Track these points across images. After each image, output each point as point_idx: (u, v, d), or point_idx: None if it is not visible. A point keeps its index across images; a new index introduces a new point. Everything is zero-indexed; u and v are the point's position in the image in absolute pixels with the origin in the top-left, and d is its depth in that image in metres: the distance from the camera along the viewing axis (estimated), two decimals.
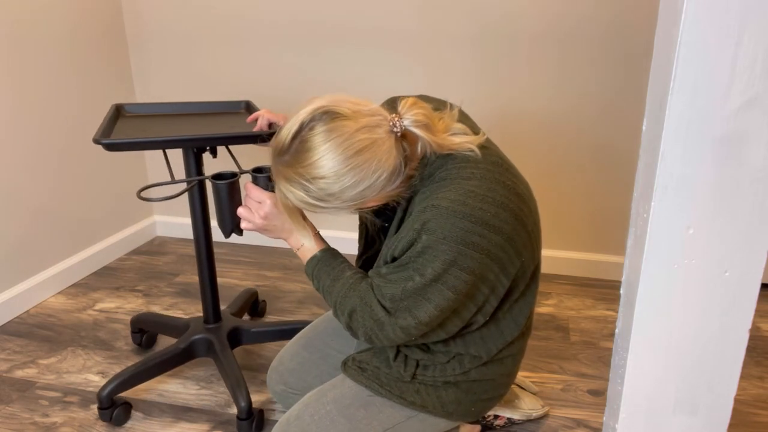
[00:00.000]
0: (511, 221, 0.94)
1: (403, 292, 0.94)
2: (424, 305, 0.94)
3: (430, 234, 0.90)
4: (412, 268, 0.93)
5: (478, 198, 0.91)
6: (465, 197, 0.91)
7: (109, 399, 1.36)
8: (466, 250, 0.90)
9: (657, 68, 0.76)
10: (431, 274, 0.91)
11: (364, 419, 1.08)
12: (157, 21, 2.20)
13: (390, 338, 0.99)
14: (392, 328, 0.97)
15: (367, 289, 1.00)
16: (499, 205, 0.92)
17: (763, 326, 1.78)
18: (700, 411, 0.83)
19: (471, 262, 0.91)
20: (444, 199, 0.91)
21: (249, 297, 1.78)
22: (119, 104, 1.51)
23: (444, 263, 0.90)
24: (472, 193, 0.91)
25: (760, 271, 0.75)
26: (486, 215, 0.91)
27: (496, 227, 0.91)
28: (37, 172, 1.91)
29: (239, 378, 1.35)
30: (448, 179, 0.94)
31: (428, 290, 0.93)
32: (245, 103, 1.57)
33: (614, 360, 0.93)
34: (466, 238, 0.90)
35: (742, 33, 0.65)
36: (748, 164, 0.70)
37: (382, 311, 0.97)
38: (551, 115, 1.98)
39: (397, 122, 0.92)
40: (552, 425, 1.38)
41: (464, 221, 0.89)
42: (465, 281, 0.92)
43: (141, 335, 1.67)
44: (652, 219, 0.75)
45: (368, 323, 0.99)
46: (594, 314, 1.87)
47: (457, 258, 0.90)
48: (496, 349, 1.08)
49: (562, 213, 2.08)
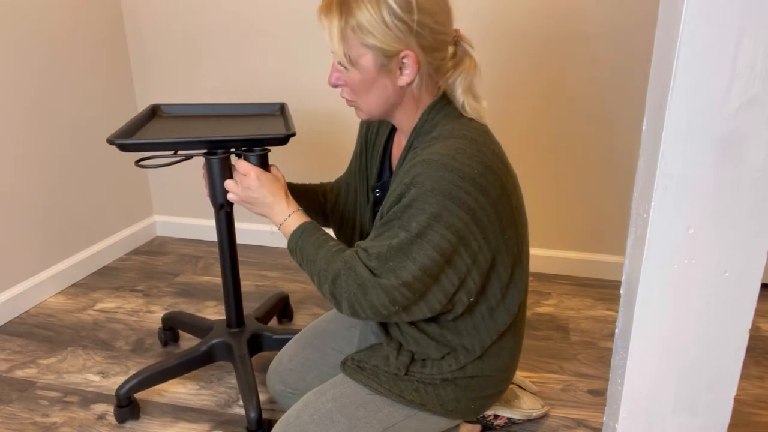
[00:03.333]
0: (498, 187, 0.96)
1: (388, 250, 0.95)
2: (407, 264, 0.94)
3: (418, 187, 0.92)
4: (397, 225, 0.94)
5: (467, 156, 0.93)
6: (455, 153, 0.93)
7: (127, 398, 1.36)
8: (452, 205, 0.91)
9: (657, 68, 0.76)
10: (416, 228, 0.92)
11: (364, 418, 1.08)
12: (157, 21, 2.20)
13: (373, 304, 0.97)
14: (375, 291, 0.96)
15: (351, 255, 1.00)
16: (487, 168, 0.94)
17: (763, 326, 1.78)
18: (700, 411, 0.83)
19: (455, 219, 0.92)
20: (435, 154, 0.93)
21: (277, 301, 1.74)
22: (156, 104, 1.48)
23: (429, 216, 0.91)
24: (462, 150, 0.93)
25: (760, 271, 0.75)
26: (474, 173, 0.92)
27: (482, 187, 0.93)
28: (36, 172, 1.91)
29: (252, 387, 1.33)
30: (441, 137, 0.97)
31: (412, 247, 0.93)
32: (280, 106, 1.52)
33: (614, 360, 0.93)
34: (453, 192, 0.91)
35: (742, 33, 0.65)
36: (748, 164, 0.70)
37: (366, 272, 0.97)
38: (551, 115, 1.98)
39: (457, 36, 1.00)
40: (552, 425, 1.38)
41: (453, 174, 0.91)
42: (448, 240, 0.93)
43: (172, 333, 1.69)
44: (652, 219, 0.75)
45: (351, 288, 0.98)
46: (594, 314, 1.87)
47: (443, 212, 0.91)
48: (489, 340, 1.08)
49: (562, 213, 2.08)
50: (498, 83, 1.98)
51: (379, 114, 1.03)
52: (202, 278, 2.11)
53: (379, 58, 0.95)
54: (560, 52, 1.90)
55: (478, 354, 1.08)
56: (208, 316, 1.85)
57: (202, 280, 2.09)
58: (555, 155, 2.02)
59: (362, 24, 0.93)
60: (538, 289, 2.04)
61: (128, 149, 1.19)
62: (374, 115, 1.04)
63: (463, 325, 1.07)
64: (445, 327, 1.07)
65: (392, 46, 0.94)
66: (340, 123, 2.16)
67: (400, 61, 0.96)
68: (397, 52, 0.94)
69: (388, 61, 0.95)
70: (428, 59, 0.97)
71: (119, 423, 1.37)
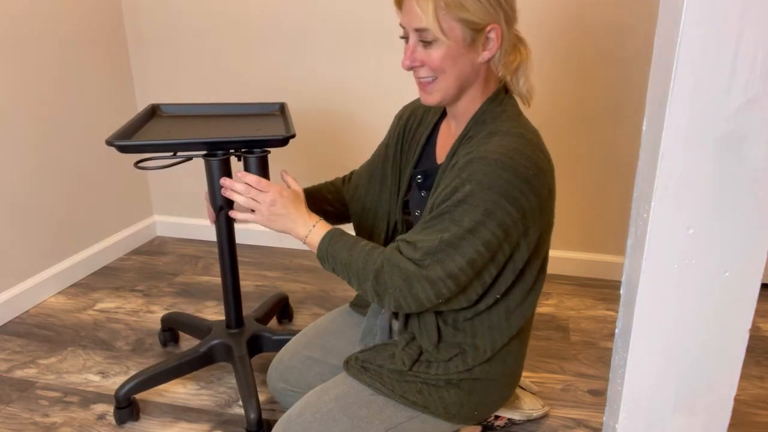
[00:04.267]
0: (546, 189, 0.97)
1: (440, 243, 0.95)
2: (456, 258, 0.94)
3: (474, 184, 0.92)
4: (449, 219, 0.95)
5: (524, 156, 0.94)
6: (513, 152, 0.93)
7: (127, 399, 1.36)
8: (505, 203, 0.92)
9: (657, 68, 0.76)
10: (468, 223, 0.93)
11: (366, 418, 1.08)
12: (157, 21, 2.20)
13: (418, 297, 0.97)
14: (421, 285, 0.96)
15: (391, 250, 1.00)
16: (540, 169, 0.95)
17: (763, 326, 1.78)
18: (700, 411, 0.83)
19: (507, 217, 0.93)
20: (492, 152, 0.93)
21: (277, 302, 1.74)
22: (155, 104, 1.48)
23: (483, 213, 0.92)
24: (519, 151, 0.94)
25: (760, 271, 0.75)
26: (529, 173, 0.93)
27: (534, 188, 0.94)
28: (36, 172, 1.91)
29: (252, 388, 1.33)
30: (499, 133, 0.97)
31: (463, 242, 0.94)
32: (280, 105, 1.52)
33: (614, 360, 0.93)
34: (509, 190, 0.92)
35: (742, 33, 0.65)
36: (748, 164, 0.70)
37: (411, 265, 0.97)
38: (551, 115, 1.98)
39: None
40: (552, 425, 1.38)
41: (509, 173, 0.92)
42: (497, 236, 0.94)
43: (171, 334, 1.69)
44: (652, 219, 0.75)
45: (397, 282, 0.97)
46: (594, 314, 1.87)
47: (496, 210, 0.92)
48: (501, 343, 1.08)
49: (562, 213, 2.08)
50: None
51: (453, 94, 1.02)
52: (202, 278, 2.11)
53: (468, 32, 0.96)
54: (560, 51, 1.90)
55: (488, 356, 1.09)
56: (208, 316, 1.85)
57: (201, 280, 2.09)
58: (555, 155, 2.02)
59: None
60: None
61: (127, 150, 1.18)
62: (448, 95, 1.02)
63: (479, 324, 1.07)
64: (461, 327, 1.08)
65: (483, 19, 0.95)
66: (340, 122, 2.16)
67: (486, 36, 0.97)
68: (486, 25, 0.95)
69: (476, 35, 0.96)
70: (509, 34, 0.99)
71: (119, 424, 1.37)
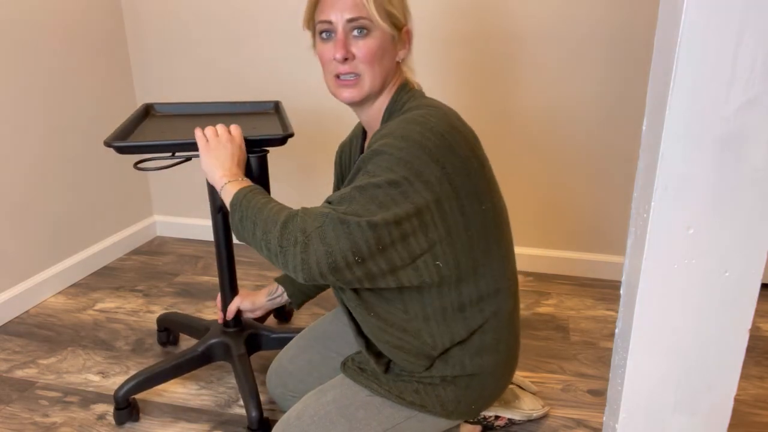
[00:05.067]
0: (466, 148, 0.96)
1: (353, 190, 0.88)
2: (373, 207, 0.86)
3: (387, 137, 0.91)
4: (363, 172, 0.90)
5: (434, 117, 0.96)
6: (422, 115, 0.96)
7: (125, 400, 1.36)
8: (422, 154, 0.89)
9: (657, 68, 0.76)
10: (385, 172, 0.87)
11: (364, 419, 1.08)
12: (157, 21, 2.20)
13: (330, 249, 0.84)
14: (335, 231, 0.84)
15: (306, 208, 0.92)
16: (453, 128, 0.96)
17: (763, 326, 1.78)
18: (700, 411, 0.83)
19: (427, 170, 0.89)
20: (400, 121, 0.95)
21: None
22: (149, 103, 1.48)
23: (399, 161, 0.88)
24: (428, 114, 0.97)
25: (760, 271, 0.75)
26: (441, 129, 0.94)
27: (451, 144, 0.94)
28: (36, 172, 1.91)
29: (253, 387, 1.33)
30: (409, 111, 1.00)
31: (379, 191, 0.86)
32: (274, 104, 1.54)
33: (614, 360, 0.93)
34: (423, 141, 0.91)
35: (742, 33, 0.65)
36: (748, 164, 0.70)
37: (325, 208, 0.88)
38: (551, 115, 1.98)
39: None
40: (552, 425, 1.38)
41: (421, 127, 0.93)
42: (419, 191, 0.88)
43: (167, 334, 1.68)
44: (652, 219, 0.75)
45: (309, 226, 0.86)
46: (594, 314, 1.87)
47: (413, 160, 0.88)
48: (482, 319, 1.04)
49: (562, 213, 2.08)
50: (497, 82, 1.98)
51: (376, 90, 1.03)
52: (202, 278, 2.11)
53: (392, 29, 1.00)
54: (560, 51, 1.90)
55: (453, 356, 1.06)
56: (208, 316, 1.85)
57: (201, 280, 2.09)
58: (555, 155, 2.02)
59: None
60: (538, 289, 2.04)
61: (126, 151, 1.19)
62: (373, 90, 1.03)
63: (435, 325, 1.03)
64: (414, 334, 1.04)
65: (403, 17, 1.01)
66: (335, 120, 2.16)
67: (403, 36, 1.03)
68: (403, 26, 1.02)
69: (397, 34, 1.01)
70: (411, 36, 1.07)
71: (118, 425, 1.37)
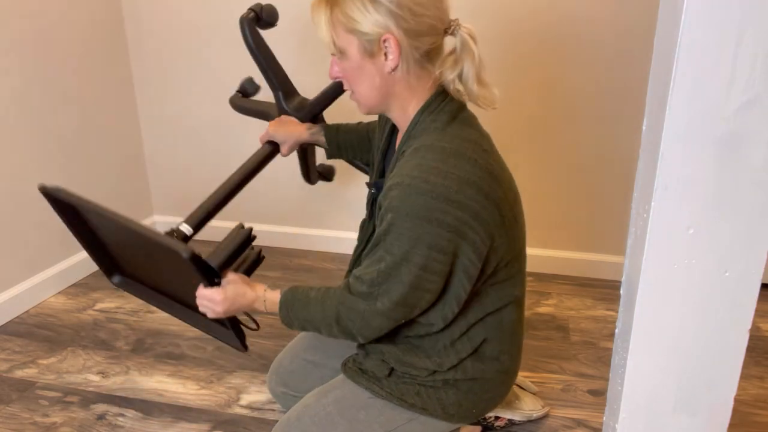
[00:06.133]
0: (480, 198, 0.94)
1: (378, 275, 0.97)
2: (397, 286, 0.96)
3: (393, 212, 0.92)
4: (382, 248, 0.96)
5: (441, 174, 0.92)
6: (428, 173, 0.92)
7: None
8: (429, 226, 0.91)
9: (657, 68, 0.76)
10: (399, 252, 0.94)
11: (365, 421, 1.08)
12: (157, 21, 2.20)
13: (381, 328, 1.02)
14: (375, 319, 0.99)
15: (341, 292, 1.02)
16: (464, 181, 0.93)
17: (763, 326, 1.78)
18: (700, 411, 0.83)
19: (437, 238, 0.92)
20: (407, 176, 0.92)
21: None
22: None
23: (409, 240, 0.92)
24: (436, 169, 0.92)
25: (760, 271, 0.75)
26: (449, 191, 0.91)
27: (460, 203, 0.92)
28: (37, 173, 1.91)
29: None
30: (421, 150, 0.95)
31: (400, 270, 0.95)
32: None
33: (614, 360, 0.93)
34: (429, 214, 0.91)
35: (742, 33, 0.65)
36: (748, 164, 0.70)
37: (362, 303, 0.99)
38: (551, 115, 1.98)
39: (455, 25, 0.99)
40: (552, 425, 1.38)
41: (425, 197, 0.91)
42: (434, 258, 0.94)
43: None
44: (652, 219, 0.75)
45: (356, 323, 1.01)
46: (594, 314, 1.87)
47: (422, 235, 0.92)
48: (485, 333, 1.08)
49: (562, 213, 2.08)
50: (496, 82, 1.98)
51: (375, 105, 1.03)
52: None
53: (363, 43, 0.96)
54: (560, 51, 1.90)
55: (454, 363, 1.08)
56: None
57: None
58: (555, 155, 2.02)
59: (344, 10, 0.95)
60: (538, 289, 2.04)
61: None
62: (371, 106, 1.03)
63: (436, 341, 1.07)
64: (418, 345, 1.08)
65: (373, 29, 0.94)
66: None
67: (383, 46, 0.95)
68: (378, 36, 0.94)
69: (372, 45, 0.96)
70: (412, 43, 0.95)
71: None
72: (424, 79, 1.00)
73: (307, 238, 2.36)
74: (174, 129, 2.33)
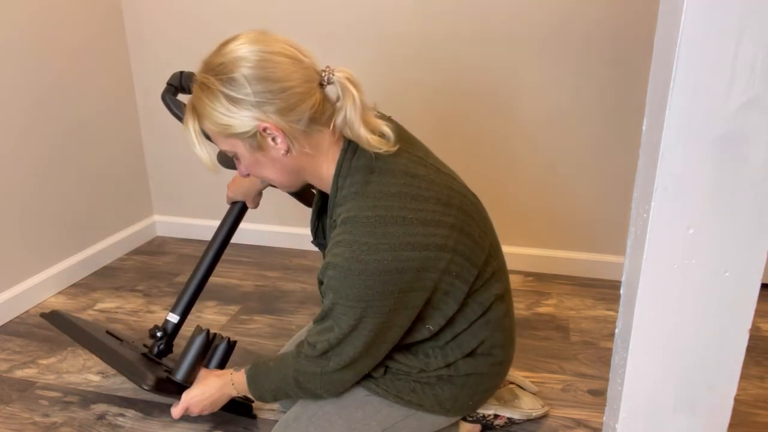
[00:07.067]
0: (421, 257, 0.93)
1: (329, 346, 0.99)
2: (348, 349, 0.99)
3: (334, 292, 0.94)
4: (331, 318, 0.97)
5: (371, 250, 0.90)
6: (359, 253, 0.90)
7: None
8: (371, 300, 0.92)
9: (657, 68, 0.76)
10: (346, 325, 0.96)
11: (362, 419, 1.08)
12: (157, 21, 2.20)
13: (342, 381, 1.05)
14: (331, 376, 1.03)
15: (293, 359, 1.07)
16: (397, 247, 0.91)
17: (763, 326, 1.78)
18: (700, 411, 0.83)
19: (382, 306, 0.93)
20: (340, 257, 0.92)
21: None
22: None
23: (353, 316, 0.94)
24: (365, 244, 0.90)
25: (760, 271, 0.75)
26: (382, 265, 0.91)
27: (399, 269, 0.92)
28: (37, 172, 1.91)
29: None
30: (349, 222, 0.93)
31: (350, 337, 0.97)
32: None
33: (614, 360, 0.93)
34: (367, 292, 0.91)
35: (742, 33, 0.65)
36: (748, 164, 0.70)
37: (316, 367, 1.03)
38: (551, 115, 1.98)
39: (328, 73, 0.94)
40: (552, 425, 1.38)
41: (360, 278, 0.91)
42: (382, 322, 0.95)
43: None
44: (652, 219, 0.75)
45: (316, 383, 1.05)
46: (594, 314, 1.87)
47: (366, 308, 0.93)
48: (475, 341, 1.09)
49: (562, 213, 2.08)
50: (497, 83, 1.98)
51: (291, 183, 1.03)
52: None
53: (246, 141, 0.94)
54: (559, 51, 1.90)
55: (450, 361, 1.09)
56: (209, 315, 1.86)
57: None
58: (555, 155, 2.02)
59: (212, 120, 0.93)
60: (538, 289, 2.04)
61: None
62: (289, 185, 1.04)
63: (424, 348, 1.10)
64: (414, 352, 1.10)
65: (247, 125, 0.91)
66: None
67: (265, 135, 0.93)
68: (255, 129, 0.92)
69: (255, 140, 0.93)
70: (291, 119, 0.92)
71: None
72: (323, 140, 0.97)
73: (307, 238, 2.35)
74: (174, 129, 2.33)
